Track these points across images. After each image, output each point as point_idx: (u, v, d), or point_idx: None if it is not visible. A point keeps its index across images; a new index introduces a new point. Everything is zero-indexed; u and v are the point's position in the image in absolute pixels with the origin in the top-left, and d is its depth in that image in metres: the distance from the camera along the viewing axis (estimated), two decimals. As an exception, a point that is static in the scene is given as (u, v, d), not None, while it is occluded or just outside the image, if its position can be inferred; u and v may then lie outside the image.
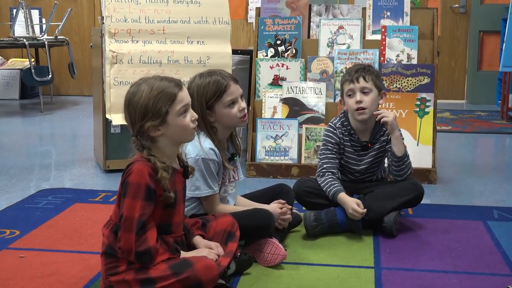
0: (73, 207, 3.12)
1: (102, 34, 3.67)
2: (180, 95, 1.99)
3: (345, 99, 2.82)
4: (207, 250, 2.09)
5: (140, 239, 1.90)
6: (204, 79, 2.38)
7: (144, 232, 1.91)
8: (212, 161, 2.36)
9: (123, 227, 1.91)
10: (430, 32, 3.97)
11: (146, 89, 1.97)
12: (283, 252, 2.36)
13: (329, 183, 2.78)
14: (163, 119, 1.97)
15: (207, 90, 2.36)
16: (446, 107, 6.69)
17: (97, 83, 3.89)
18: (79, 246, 2.57)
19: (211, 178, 2.37)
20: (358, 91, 2.76)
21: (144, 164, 1.95)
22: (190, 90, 2.36)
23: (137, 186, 1.92)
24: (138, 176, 1.92)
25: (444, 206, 3.21)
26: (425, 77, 3.80)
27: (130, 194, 1.92)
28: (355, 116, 2.79)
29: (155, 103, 1.96)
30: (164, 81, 2.00)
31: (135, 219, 1.90)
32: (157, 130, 1.98)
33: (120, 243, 1.92)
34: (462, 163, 4.25)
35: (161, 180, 1.95)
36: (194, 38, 3.80)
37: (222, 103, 2.37)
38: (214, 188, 2.38)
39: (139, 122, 1.97)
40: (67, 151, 4.53)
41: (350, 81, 2.78)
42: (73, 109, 6.65)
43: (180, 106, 1.99)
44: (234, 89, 2.39)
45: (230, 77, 2.40)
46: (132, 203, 1.91)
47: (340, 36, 3.97)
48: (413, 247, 2.60)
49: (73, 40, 7.42)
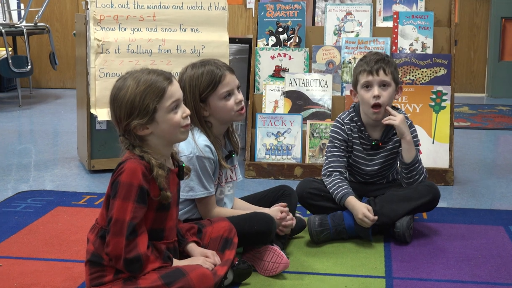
0: (54, 211, 3.12)
1: (87, 20, 3.67)
2: (170, 90, 2.00)
3: (359, 91, 2.81)
4: (202, 258, 2.09)
5: (130, 245, 1.91)
6: (197, 69, 2.39)
7: (135, 237, 1.92)
8: (208, 159, 2.37)
9: (112, 231, 1.91)
10: (447, 19, 3.98)
11: (132, 84, 1.97)
12: (285, 260, 2.37)
13: (337, 184, 2.78)
14: (151, 116, 1.97)
15: (201, 81, 2.37)
16: (465, 101, 6.70)
17: (81, 74, 3.90)
18: (62, 254, 2.57)
19: (207, 178, 2.38)
20: (377, 84, 2.76)
21: (137, 162, 1.95)
22: (182, 82, 2.37)
23: (129, 187, 1.92)
24: (130, 175, 1.93)
25: (462, 209, 3.21)
26: (441, 68, 3.80)
27: (121, 195, 1.92)
28: (368, 112, 2.79)
29: (142, 99, 1.96)
30: (152, 75, 2.00)
31: (126, 222, 1.91)
32: (145, 128, 1.99)
33: (108, 248, 1.92)
34: (482, 163, 4.26)
35: (157, 178, 1.96)
36: (188, 25, 3.80)
37: (217, 95, 2.38)
38: (209, 189, 2.39)
39: (125, 121, 1.97)
40: (48, 150, 4.54)
41: (369, 72, 2.76)
42: (55, 103, 6.65)
43: (170, 102, 1.99)
44: (230, 79, 2.40)
45: (225, 67, 2.41)
46: (123, 205, 1.92)
47: (348, 23, 3.97)
48: (428, 255, 2.61)
49: (55, 28, 7.42)
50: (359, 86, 2.80)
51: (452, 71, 3.80)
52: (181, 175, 2.11)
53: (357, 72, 2.81)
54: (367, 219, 2.65)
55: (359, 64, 2.83)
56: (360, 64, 2.82)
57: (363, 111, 2.82)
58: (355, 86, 2.83)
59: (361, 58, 2.86)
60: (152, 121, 1.98)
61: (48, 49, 6.88)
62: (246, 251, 2.43)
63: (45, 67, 7.47)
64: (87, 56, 3.69)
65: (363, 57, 2.85)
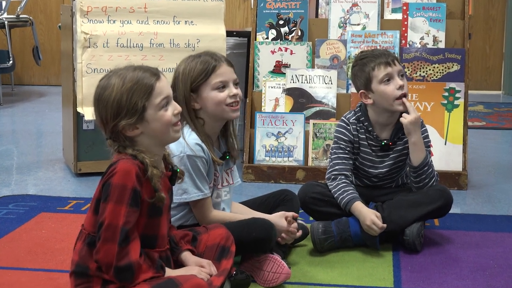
0: (38, 217, 3.12)
1: (73, 12, 3.67)
2: (158, 86, 2.01)
3: (377, 88, 2.77)
4: (197, 268, 2.09)
5: (122, 252, 1.91)
6: (192, 59, 2.42)
7: (127, 243, 1.92)
8: (200, 158, 2.37)
9: (104, 237, 1.91)
10: (461, 10, 3.98)
11: (117, 82, 1.98)
12: (286, 270, 2.37)
13: (342, 188, 2.79)
14: (140, 115, 1.98)
15: (194, 70, 2.38)
16: (479, 99, 6.70)
17: (67, 70, 3.90)
18: (46, 264, 2.57)
19: (200, 178, 2.38)
20: (397, 74, 2.77)
21: (130, 163, 1.95)
22: (176, 73, 2.39)
23: (122, 189, 1.92)
24: (123, 177, 1.93)
25: (476, 216, 3.22)
26: (455, 63, 3.80)
27: (113, 198, 1.92)
28: (394, 106, 2.77)
29: (129, 98, 1.97)
30: (138, 71, 2.01)
31: (119, 227, 1.91)
32: (134, 128, 1.99)
33: (99, 255, 1.92)
34: (498, 165, 4.26)
35: (152, 179, 1.96)
36: (182, 17, 3.80)
37: (209, 85, 2.38)
38: (204, 191, 2.39)
39: (112, 122, 1.98)
40: (31, 151, 4.53)
41: (386, 63, 2.76)
42: (38, 101, 6.65)
43: (160, 99, 2.00)
44: (225, 70, 2.40)
45: (223, 59, 2.43)
46: (115, 209, 1.92)
47: (354, 15, 3.98)
48: (440, 264, 2.61)
49: (38, 20, 7.42)
50: (375, 83, 2.77)
51: (466, 67, 3.80)
52: (173, 180, 2.11)
53: (369, 69, 2.78)
54: (375, 226, 2.65)
55: (364, 62, 2.80)
56: (367, 61, 2.80)
57: (385, 108, 2.79)
58: (367, 85, 2.79)
59: (361, 57, 2.84)
60: (141, 121, 1.99)
61: (32, 43, 6.88)
62: (245, 260, 2.43)
63: (28, 62, 7.47)
64: (73, 50, 3.69)
65: (362, 57, 2.83)
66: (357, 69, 2.84)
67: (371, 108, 2.84)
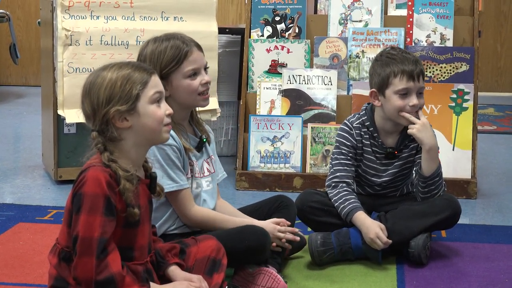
0: (16, 227, 3.12)
1: (53, 7, 3.67)
2: (153, 80, 2.05)
3: (389, 96, 2.75)
4: (186, 283, 2.09)
5: (101, 265, 1.91)
6: (160, 43, 2.44)
7: (106, 255, 1.92)
8: (169, 146, 2.37)
9: (80, 251, 1.91)
10: (470, 6, 3.99)
11: (111, 71, 2.02)
12: (282, 284, 2.37)
13: (343, 197, 2.79)
14: (133, 104, 2.00)
15: (164, 55, 2.41)
16: (490, 101, 6.71)
17: (47, 70, 3.90)
18: (24, 278, 2.57)
19: (173, 168, 2.38)
20: (415, 92, 2.75)
21: (100, 170, 1.96)
22: (142, 56, 2.41)
23: (94, 198, 1.93)
24: (94, 185, 1.94)
25: (486, 227, 3.23)
26: (463, 63, 3.82)
27: (85, 208, 1.93)
28: (396, 119, 2.78)
29: (124, 84, 2.00)
30: (131, 65, 2.06)
31: (95, 239, 1.91)
32: (124, 120, 2.01)
33: (76, 271, 1.92)
34: (510, 173, 4.27)
35: (124, 193, 1.97)
36: (170, 13, 3.81)
37: (181, 73, 2.41)
38: (179, 181, 2.39)
39: (104, 108, 1.99)
40: (7, 157, 4.53)
41: (410, 77, 2.72)
42: (16, 103, 6.64)
43: (154, 92, 2.04)
44: (197, 56, 2.44)
45: (193, 42, 2.46)
46: (89, 220, 1.92)
47: (355, 11, 3.99)
48: (447, 279, 2.61)
49: (16, 16, 7.41)
50: (390, 90, 2.75)
51: (475, 67, 3.81)
52: (153, 188, 2.12)
53: (390, 72, 2.74)
54: (379, 240, 2.65)
55: (389, 61, 2.76)
56: (392, 62, 2.75)
57: (387, 115, 2.80)
58: (381, 87, 2.77)
59: (387, 54, 2.80)
60: (133, 111, 2.01)
61: (8, 40, 6.87)
62: (237, 272, 2.43)
63: (4, 61, 7.46)
64: (53, 48, 3.69)
65: (389, 55, 2.79)
66: (378, 64, 2.80)
67: (379, 111, 2.83)
